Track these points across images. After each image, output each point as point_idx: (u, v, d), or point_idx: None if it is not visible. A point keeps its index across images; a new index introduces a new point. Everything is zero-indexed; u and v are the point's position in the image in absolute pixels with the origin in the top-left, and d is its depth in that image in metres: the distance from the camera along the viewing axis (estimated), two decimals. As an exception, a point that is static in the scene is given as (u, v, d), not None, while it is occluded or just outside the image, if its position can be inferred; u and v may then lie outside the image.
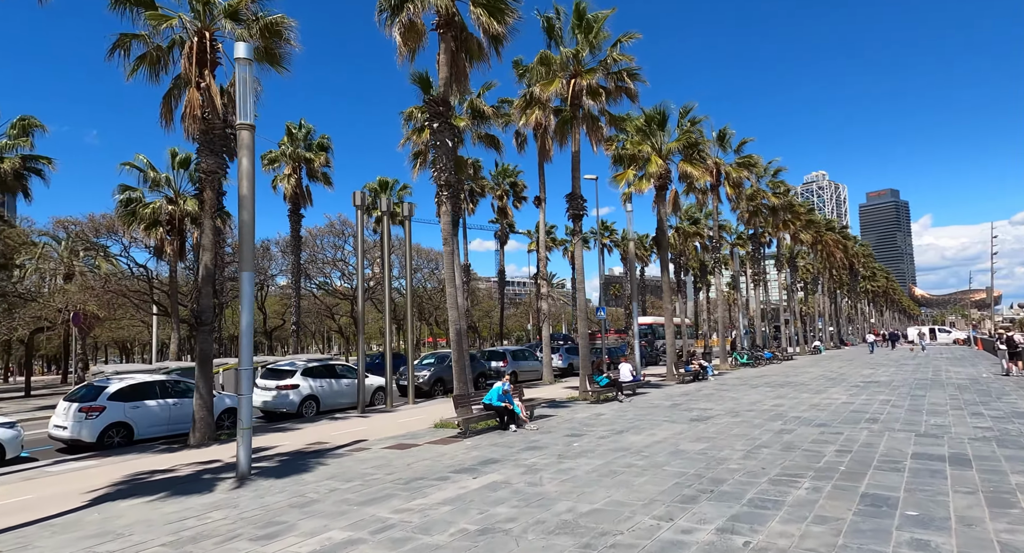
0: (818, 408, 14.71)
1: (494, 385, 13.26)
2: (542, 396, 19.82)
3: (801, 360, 38.87)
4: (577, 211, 19.52)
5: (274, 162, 31.34)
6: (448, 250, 13.70)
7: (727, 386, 21.55)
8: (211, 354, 12.86)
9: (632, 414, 14.57)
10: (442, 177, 13.61)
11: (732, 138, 32.70)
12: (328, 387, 17.47)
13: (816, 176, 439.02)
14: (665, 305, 26.35)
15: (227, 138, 13.28)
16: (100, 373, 20.29)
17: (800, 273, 79.86)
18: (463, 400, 12.65)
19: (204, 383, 12.52)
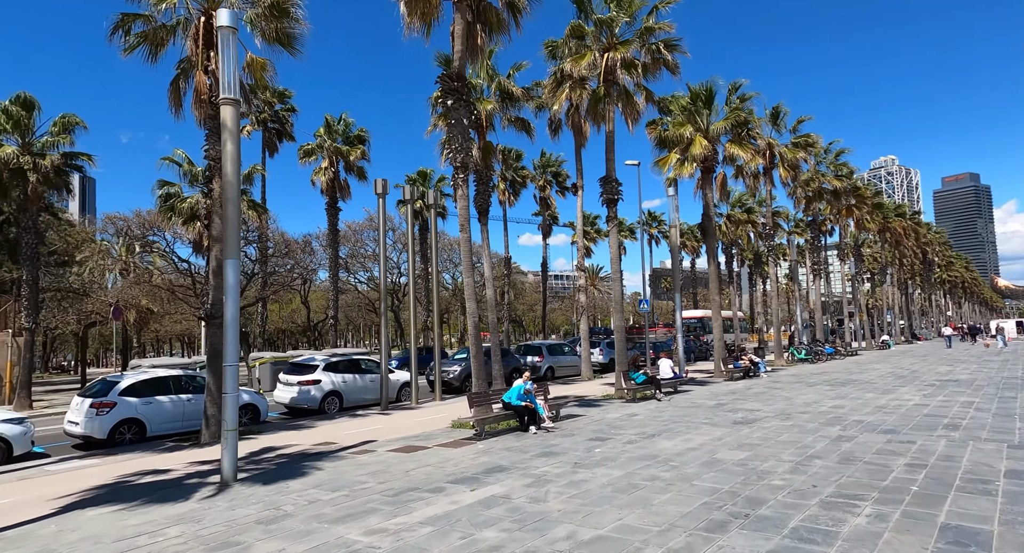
0: (885, 411, 12.96)
1: (515, 383, 12.27)
2: (575, 393, 18.71)
3: (867, 356, 35.99)
4: (611, 195, 18.22)
5: (310, 155, 31.33)
6: (465, 237, 12.78)
7: (780, 384, 19.76)
8: (221, 348, 12.42)
9: (669, 415, 13.27)
10: (458, 158, 12.68)
11: (787, 117, 30.34)
12: (352, 382, 16.95)
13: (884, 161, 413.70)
14: (712, 296, 24.62)
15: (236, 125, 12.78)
16: (138, 366, 20.66)
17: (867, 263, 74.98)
18: (479, 399, 11.73)
19: (215, 379, 12.10)
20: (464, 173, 12.79)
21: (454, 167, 12.80)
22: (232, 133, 8.41)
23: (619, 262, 18.64)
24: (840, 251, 45.95)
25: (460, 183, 12.80)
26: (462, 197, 12.85)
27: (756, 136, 24.22)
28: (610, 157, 18.27)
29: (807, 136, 29.94)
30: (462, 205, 12.85)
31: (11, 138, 20.09)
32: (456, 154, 12.71)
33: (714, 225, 24.53)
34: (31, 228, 20.26)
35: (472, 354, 12.97)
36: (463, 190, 12.82)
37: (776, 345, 30.52)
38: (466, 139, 12.78)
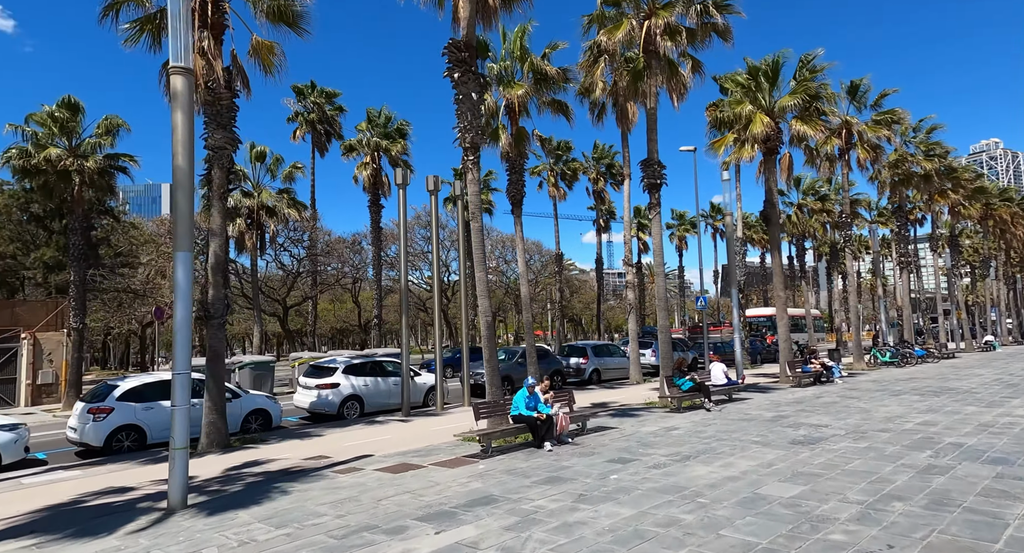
0: (991, 431, 10.48)
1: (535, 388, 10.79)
2: (616, 400, 16.97)
3: (966, 358, 31.73)
4: (654, 179, 16.33)
5: (352, 151, 30.99)
6: (476, 226, 11.41)
7: (857, 392, 17.14)
8: (222, 351, 11.72)
9: (714, 430, 11.36)
10: (467, 138, 11.33)
11: (869, 93, 26.95)
12: (374, 386, 16.01)
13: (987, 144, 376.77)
14: (776, 292, 22.04)
15: (234, 110, 12.03)
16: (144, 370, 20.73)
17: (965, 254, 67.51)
18: (488, 409, 10.32)
19: (215, 383, 11.39)
20: (474, 155, 11.42)
21: (463, 148, 11.46)
22: (183, 107, 7.41)
23: (662, 253, 16.70)
24: (933, 241, 41.08)
25: (470, 166, 11.44)
26: (472, 182, 11.48)
27: (828, 112, 21.37)
28: (652, 137, 16.38)
29: (892, 112, 26.43)
30: (473, 191, 11.48)
31: (59, 140, 20.63)
32: (465, 133, 11.36)
33: (778, 213, 21.95)
34: (77, 229, 20.70)
35: (485, 359, 11.59)
36: (473, 174, 11.45)
37: (855, 346, 27.25)
38: (475, 117, 11.40)
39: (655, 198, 16.48)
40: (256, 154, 26.05)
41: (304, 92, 34.86)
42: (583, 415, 11.51)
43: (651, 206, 16.51)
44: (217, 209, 11.66)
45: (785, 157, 21.95)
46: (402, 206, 17.99)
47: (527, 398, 10.19)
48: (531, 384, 10.32)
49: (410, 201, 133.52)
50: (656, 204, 16.49)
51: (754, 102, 21.35)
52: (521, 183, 19.47)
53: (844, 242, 28.05)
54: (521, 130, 18.83)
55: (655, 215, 16.47)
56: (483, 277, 11.59)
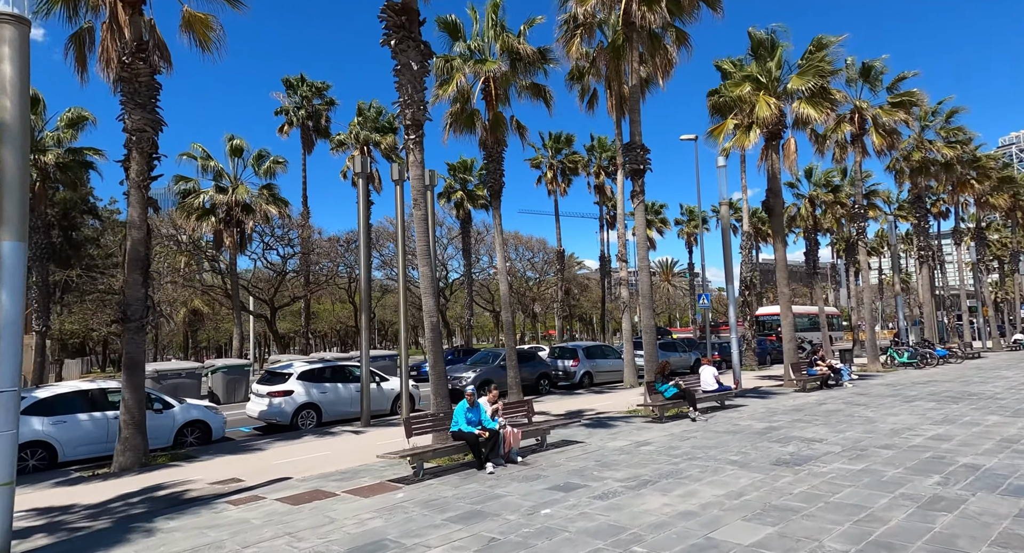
0: (1016, 448, 8.90)
1: (479, 399, 9.48)
2: (597, 407, 15.57)
3: (993, 359, 29.64)
4: (636, 165, 14.88)
5: (342, 145, 29.93)
6: (419, 215, 10.10)
7: (866, 398, 15.51)
8: (141, 357, 10.57)
9: (691, 445, 9.92)
10: (407, 114, 10.02)
11: (884, 75, 25.07)
12: (334, 393, 14.80)
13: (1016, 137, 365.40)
14: (780, 289, 20.41)
15: (156, 88, 10.88)
16: (141, 370, 19.79)
17: (993, 249, 64.47)
18: (428, 424, 8.99)
19: (132, 394, 10.26)
20: (415, 133, 10.10)
21: (404, 125, 10.16)
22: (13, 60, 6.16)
23: (646, 247, 15.24)
24: (956, 234, 38.83)
25: (411, 146, 10.13)
26: (415, 164, 10.18)
27: (838, 95, 19.64)
28: (634, 118, 14.92)
29: (909, 93, 24.53)
30: (415, 174, 10.17)
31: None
32: (405, 108, 10.06)
33: (781, 203, 20.31)
34: (40, 228, 19.88)
35: (429, 364, 10.30)
36: (415, 155, 10.14)
37: (870, 346, 25.42)
38: (417, 90, 10.08)
39: (638, 185, 15.03)
40: (233, 148, 25.07)
41: (294, 85, 33.93)
42: (541, 429, 10.14)
43: (634, 194, 15.06)
44: (136, 199, 10.51)
45: (789, 142, 20.27)
46: (399, 203, 16.63)
47: (467, 411, 8.86)
48: (472, 393, 8.99)
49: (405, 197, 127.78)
50: (639, 192, 15.03)
51: (756, 84, 19.74)
52: (499, 173, 18.16)
53: (857, 235, 26.21)
54: (498, 115, 17.50)
55: (638, 203, 15.01)
56: (427, 273, 10.29)
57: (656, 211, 51.08)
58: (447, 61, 17.19)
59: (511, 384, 17.61)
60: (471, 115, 17.21)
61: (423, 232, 10.15)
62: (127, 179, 10.68)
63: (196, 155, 24.14)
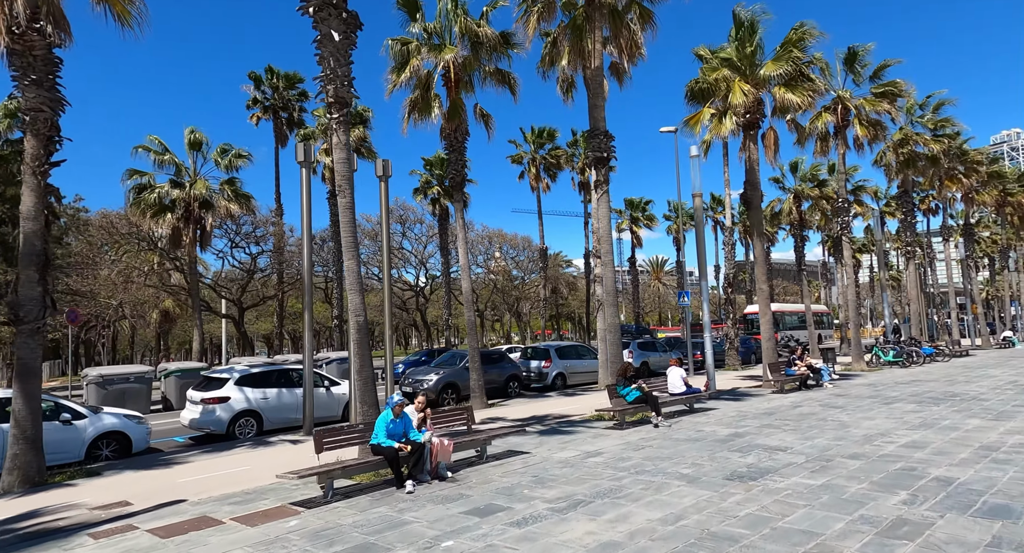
0: (995, 458, 8.04)
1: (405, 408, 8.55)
2: (562, 411, 14.66)
3: (981, 356, 28.94)
4: (599, 153, 14.00)
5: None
6: (344, 203, 9.14)
7: (844, 399, 14.67)
8: (36, 364, 9.58)
9: (644, 456, 9.02)
10: (330, 90, 9.08)
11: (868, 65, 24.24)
12: (277, 399, 13.83)
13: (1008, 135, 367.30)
14: (759, 285, 19.60)
15: (55, 63, 9.89)
16: (86, 376, 18.74)
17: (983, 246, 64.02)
18: (337, 437, 8.03)
19: (25, 404, 9.25)
20: (339, 112, 9.15)
21: (327, 103, 9.21)
22: None
23: (611, 241, 14.35)
24: (944, 229, 38.15)
25: (335, 126, 9.19)
26: (339, 146, 9.23)
27: (818, 82, 18.79)
28: (596, 103, 14.03)
29: (893, 83, 23.73)
30: (339, 157, 9.22)
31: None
32: (327, 84, 9.12)
33: (760, 195, 19.48)
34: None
35: (355, 369, 9.32)
36: (339, 136, 9.20)
37: (855, 344, 24.64)
38: (341, 64, 9.13)
39: (601, 174, 14.14)
40: (192, 141, 24.01)
41: (263, 77, 32.88)
42: (479, 439, 9.20)
43: (597, 183, 14.17)
44: (30, 187, 9.52)
45: (769, 133, 19.46)
46: (384, 199, 15.65)
47: (390, 422, 7.91)
48: (397, 403, 8.03)
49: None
50: (603, 182, 14.15)
51: (733, 68, 18.91)
52: (461, 163, 17.28)
53: (841, 230, 25.41)
54: (457, 102, 16.60)
55: (601, 194, 14.12)
56: (353, 268, 9.34)
57: (642, 208, 50.27)
58: (404, 45, 16.28)
59: (474, 387, 16.72)
60: (429, 102, 16.28)
61: (348, 222, 9.20)
62: (22, 164, 9.68)
63: (152, 148, 23.08)
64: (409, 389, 18.22)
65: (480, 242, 48.02)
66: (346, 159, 9.16)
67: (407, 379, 18.67)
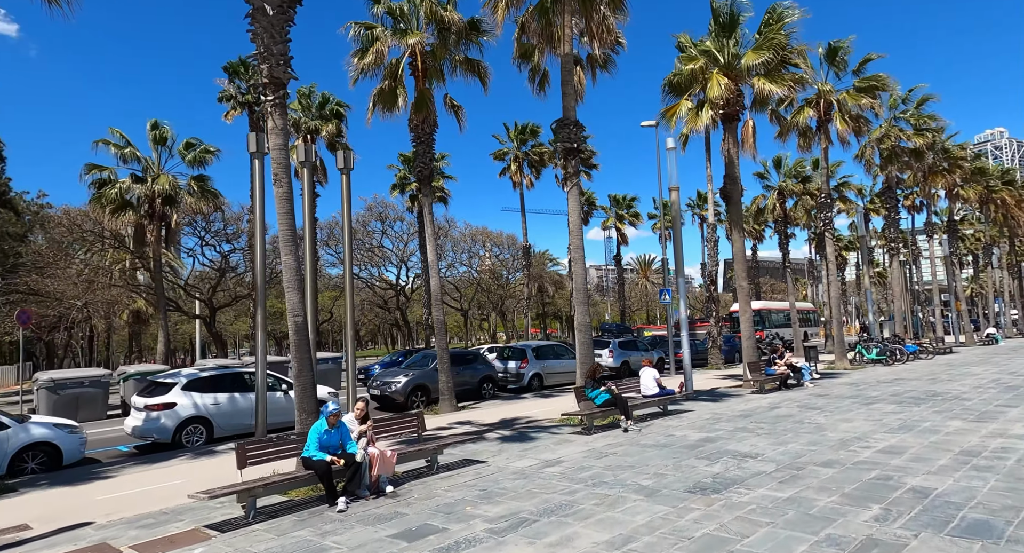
0: (976, 465, 7.50)
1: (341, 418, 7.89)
2: (532, 415, 14.07)
3: (965, 354, 28.69)
4: (569, 142, 13.38)
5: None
6: (281, 193, 8.42)
7: (823, 400, 14.16)
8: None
9: (605, 465, 8.41)
10: (264, 69, 8.37)
11: (849, 57, 23.86)
12: (230, 405, 13.08)
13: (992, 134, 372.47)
14: (739, 283, 19.07)
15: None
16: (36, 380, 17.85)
17: (967, 243, 64.25)
18: (264, 449, 7.31)
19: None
20: (274, 94, 8.44)
21: (261, 83, 8.49)
22: None
23: (580, 234, 13.71)
24: (928, 226, 37.99)
25: (270, 109, 8.47)
26: (275, 131, 8.52)
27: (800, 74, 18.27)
28: (567, 91, 13.40)
29: (875, 77, 23.35)
30: (275, 143, 8.51)
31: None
32: (262, 62, 8.40)
33: (739, 190, 18.94)
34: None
35: (294, 374, 8.63)
36: (274, 120, 8.48)
37: (838, 342, 24.24)
38: (276, 41, 8.41)
39: (571, 166, 13.52)
40: (157, 136, 23.12)
41: (237, 71, 31.90)
42: (427, 449, 8.52)
43: (567, 176, 13.55)
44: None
45: (747, 125, 18.91)
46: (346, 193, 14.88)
47: (324, 433, 7.23)
48: (332, 412, 7.33)
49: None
50: (573, 174, 13.53)
51: (711, 59, 18.36)
52: (429, 156, 16.58)
53: (824, 226, 24.99)
54: (424, 92, 15.90)
55: (571, 187, 13.49)
56: (291, 264, 8.63)
57: (628, 205, 49.78)
58: (368, 29, 15.56)
59: (442, 390, 16.06)
60: (393, 91, 15.58)
61: (285, 214, 8.49)
62: None
63: (114, 142, 22.18)
64: (376, 392, 17.54)
65: (463, 240, 47.32)
66: (282, 145, 8.45)
67: (375, 381, 17.96)
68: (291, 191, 8.54)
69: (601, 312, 74.62)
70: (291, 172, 8.64)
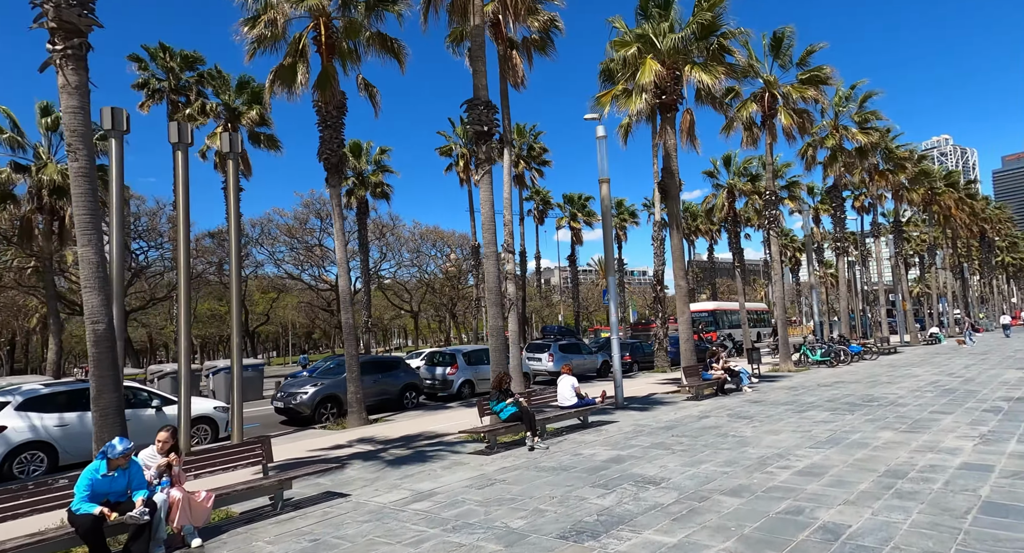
0: (900, 489, 6.44)
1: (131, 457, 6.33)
2: (441, 429, 12.65)
3: (908, 354, 28.57)
4: (479, 126, 12.08)
5: (195, 120, 25.87)
6: (79, 168, 6.79)
7: (757, 407, 13.19)
8: None
9: (482, 499, 7.08)
10: (49, 10, 6.72)
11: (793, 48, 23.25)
12: (79, 426, 11.18)
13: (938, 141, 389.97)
14: (677, 282, 18.10)
15: None
16: None
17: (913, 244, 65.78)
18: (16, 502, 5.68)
19: None
20: (65, 42, 6.78)
21: (48, 29, 6.83)
22: None
23: (493, 230, 12.40)
24: (874, 227, 38.17)
25: (59, 62, 6.82)
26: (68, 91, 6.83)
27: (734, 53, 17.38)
28: (476, 68, 12.09)
29: (818, 69, 22.78)
30: (69, 105, 6.86)
31: None
32: (44, 2, 6.75)
33: (677, 183, 17.97)
34: None
35: (92, 396, 6.99)
36: (67, 76, 6.83)
37: (782, 344, 23.60)
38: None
39: (483, 152, 12.23)
40: (49, 122, 20.86)
41: (154, 55, 29.53)
42: (267, 484, 7.00)
43: (479, 163, 12.25)
44: None
45: (686, 115, 17.96)
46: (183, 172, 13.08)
47: (100, 477, 5.63)
48: (121, 453, 5.67)
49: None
50: (485, 160, 12.24)
51: (646, 45, 17.32)
52: (337, 142, 15.03)
53: (769, 224, 24.36)
54: (327, 68, 14.37)
55: (483, 175, 12.19)
56: (91, 257, 7.00)
57: (582, 204, 48.98)
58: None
59: (351, 401, 14.51)
60: (293, 67, 13.99)
61: (84, 195, 6.88)
62: None
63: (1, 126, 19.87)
64: (280, 404, 15.87)
65: (412, 240, 45.62)
66: (78, 108, 6.84)
67: (279, 392, 16.28)
68: (92, 166, 6.95)
69: (557, 314, 73.83)
70: (91, 142, 7.03)
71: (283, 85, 14.23)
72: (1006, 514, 5.61)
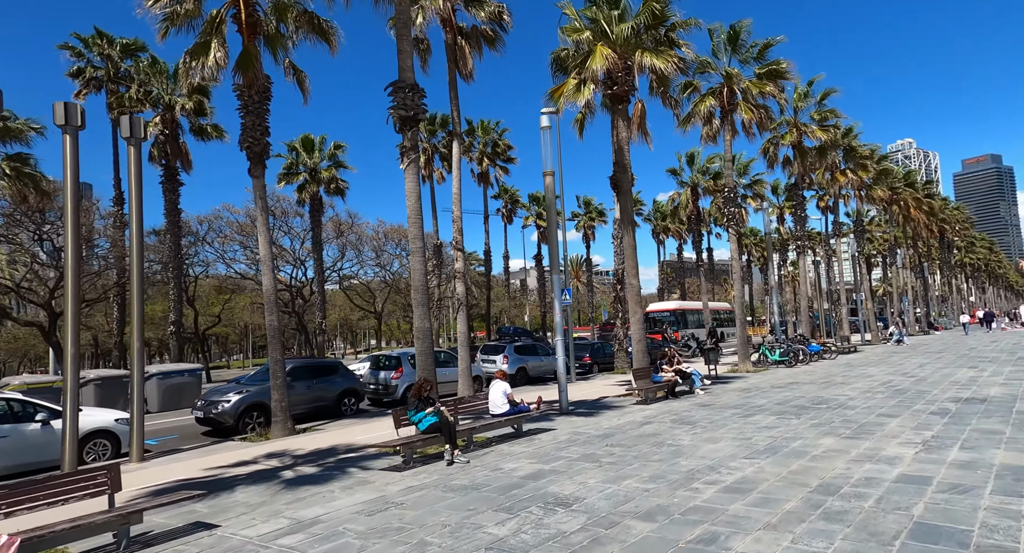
0: (828, 508, 5.73)
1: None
2: (364, 440, 11.65)
3: (867, 353, 28.49)
4: (405, 111, 11.14)
5: (123, 104, 24.40)
6: None
7: (705, 411, 12.53)
8: None
9: (365, 529, 6.18)
10: None
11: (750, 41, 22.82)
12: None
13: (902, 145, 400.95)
14: (629, 280, 17.42)
15: None
16: None
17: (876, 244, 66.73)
18: None
19: None
20: None
21: None
22: None
23: (419, 225, 11.49)
24: (835, 225, 38.28)
25: None
26: None
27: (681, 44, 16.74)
28: (402, 48, 11.16)
29: (775, 63, 22.39)
30: None
31: None
32: None
33: (629, 178, 17.29)
34: None
35: None
36: None
37: (740, 344, 23.16)
38: None
39: (408, 138, 11.27)
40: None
41: (89, 43, 27.84)
42: (97, 520, 5.97)
43: (404, 151, 11.31)
44: None
45: (637, 106, 17.30)
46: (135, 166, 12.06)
47: None
48: None
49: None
50: (411, 148, 11.30)
51: (597, 32, 16.60)
52: (260, 129, 13.93)
53: (727, 222, 23.90)
54: (249, 48, 13.27)
55: (409, 163, 11.25)
56: None
57: (589, 204, 48.38)
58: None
59: (275, 409, 13.41)
60: (207, 45, 12.86)
61: None
62: None
63: None
64: (200, 414, 14.67)
65: (375, 238, 44.38)
66: None
67: (199, 401, 15.08)
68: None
69: (512, 318, 73.03)
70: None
71: (195, 61, 13.08)
72: (936, 538, 4.92)
